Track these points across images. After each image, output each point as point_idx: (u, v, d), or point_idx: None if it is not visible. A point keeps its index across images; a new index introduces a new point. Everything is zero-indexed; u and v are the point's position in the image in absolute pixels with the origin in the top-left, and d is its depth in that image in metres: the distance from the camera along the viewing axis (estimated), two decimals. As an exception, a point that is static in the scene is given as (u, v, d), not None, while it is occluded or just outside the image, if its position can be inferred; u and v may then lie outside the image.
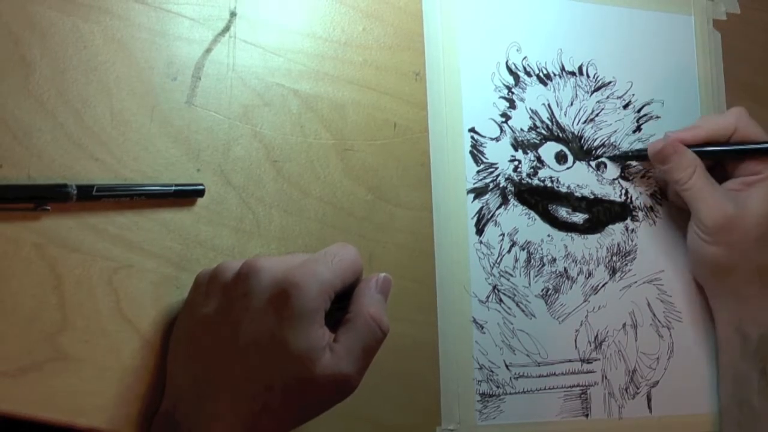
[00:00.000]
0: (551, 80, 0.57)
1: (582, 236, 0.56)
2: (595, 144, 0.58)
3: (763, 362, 0.54)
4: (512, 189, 0.55)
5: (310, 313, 0.38)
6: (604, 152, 0.58)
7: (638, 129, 0.59)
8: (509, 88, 0.56)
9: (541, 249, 0.55)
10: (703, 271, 0.57)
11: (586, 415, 0.54)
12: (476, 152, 0.54)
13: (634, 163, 0.58)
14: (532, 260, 0.55)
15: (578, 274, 0.56)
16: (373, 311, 0.41)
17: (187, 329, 0.42)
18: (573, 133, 0.57)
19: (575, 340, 0.55)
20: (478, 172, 0.54)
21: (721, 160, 0.57)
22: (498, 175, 0.55)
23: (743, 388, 0.55)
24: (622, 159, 0.58)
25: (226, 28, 0.48)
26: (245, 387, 0.39)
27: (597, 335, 0.56)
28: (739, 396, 0.55)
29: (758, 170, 0.55)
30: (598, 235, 0.57)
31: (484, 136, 0.55)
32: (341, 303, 0.42)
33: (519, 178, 0.55)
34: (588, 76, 0.58)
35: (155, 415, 0.42)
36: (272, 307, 0.38)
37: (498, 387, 0.52)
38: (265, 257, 0.41)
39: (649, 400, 0.56)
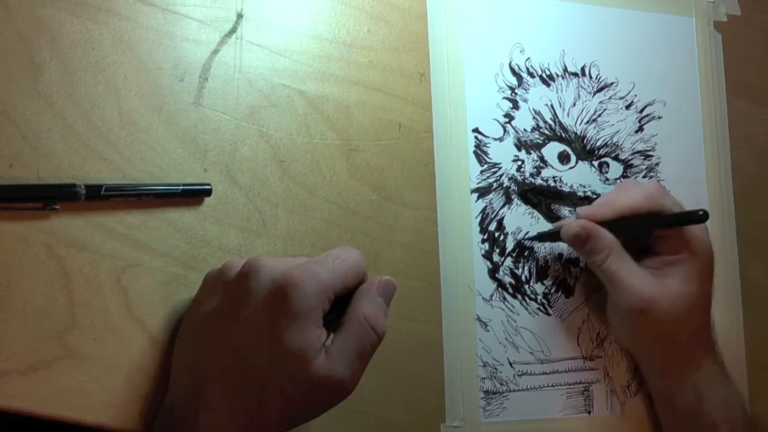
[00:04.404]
0: (554, 81, 0.57)
1: (584, 235, 0.57)
2: (598, 144, 0.58)
3: None
4: (516, 189, 0.55)
5: (307, 313, 0.38)
6: (607, 152, 0.58)
7: (640, 129, 0.59)
8: (512, 89, 0.56)
9: (544, 248, 0.55)
10: (626, 346, 0.56)
11: (589, 412, 0.55)
12: (480, 152, 0.55)
13: (635, 163, 0.59)
14: (536, 259, 0.55)
15: (580, 273, 0.56)
16: (368, 313, 0.40)
17: (190, 327, 0.43)
18: (576, 134, 0.57)
19: (578, 338, 0.55)
20: (481, 172, 0.54)
21: (638, 236, 0.54)
22: (501, 175, 0.55)
23: None
24: (536, 240, 0.55)
25: (233, 30, 0.48)
26: (241, 384, 0.39)
27: (599, 333, 0.56)
28: None
29: (677, 249, 0.52)
30: (600, 234, 0.57)
31: (487, 137, 0.55)
32: (343, 306, 0.41)
33: (522, 177, 0.55)
34: (590, 77, 0.59)
35: (158, 411, 0.42)
36: (270, 305, 0.39)
37: (502, 384, 0.53)
38: (268, 257, 0.41)
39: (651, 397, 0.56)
